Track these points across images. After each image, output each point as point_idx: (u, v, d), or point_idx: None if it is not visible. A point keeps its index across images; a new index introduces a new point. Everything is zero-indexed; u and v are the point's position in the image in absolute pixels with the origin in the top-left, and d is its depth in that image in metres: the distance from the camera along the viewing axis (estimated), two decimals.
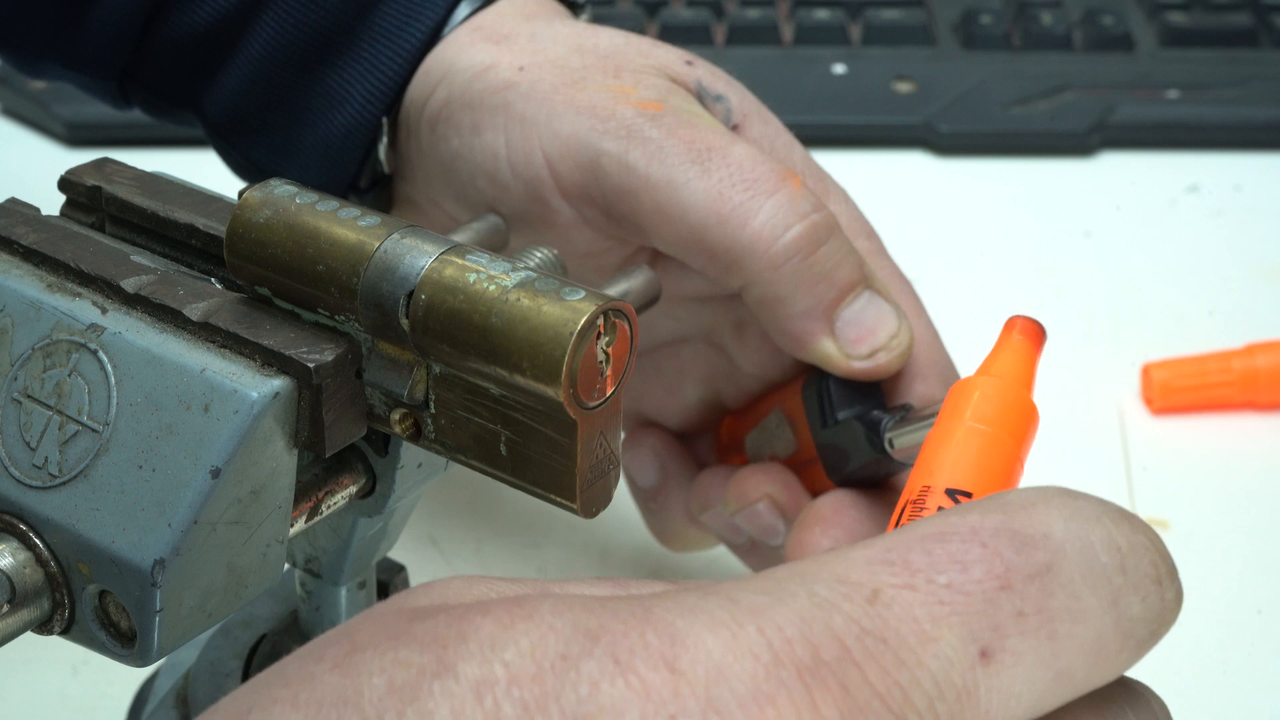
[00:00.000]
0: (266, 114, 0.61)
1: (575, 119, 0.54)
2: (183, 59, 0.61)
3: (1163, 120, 0.95)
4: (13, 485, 0.40)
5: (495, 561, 0.68)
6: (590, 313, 0.37)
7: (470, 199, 0.57)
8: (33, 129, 0.95)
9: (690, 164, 0.53)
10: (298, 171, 0.60)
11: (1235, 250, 0.87)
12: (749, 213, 0.53)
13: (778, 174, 0.53)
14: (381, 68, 0.58)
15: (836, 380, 0.54)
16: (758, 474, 0.57)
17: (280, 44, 0.59)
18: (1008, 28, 1.00)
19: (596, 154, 0.54)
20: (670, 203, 0.53)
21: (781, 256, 0.52)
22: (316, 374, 0.39)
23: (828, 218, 0.53)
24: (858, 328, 0.54)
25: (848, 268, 0.53)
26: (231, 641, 0.50)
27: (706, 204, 0.53)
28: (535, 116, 0.55)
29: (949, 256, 0.60)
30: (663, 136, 0.54)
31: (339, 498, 0.43)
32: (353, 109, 0.59)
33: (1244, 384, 0.76)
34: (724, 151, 0.53)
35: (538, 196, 0.55)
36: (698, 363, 0.60)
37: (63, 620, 0.39)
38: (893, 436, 0.52)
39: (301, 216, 0.40)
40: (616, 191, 0.54)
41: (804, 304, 0.53)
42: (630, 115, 0.54)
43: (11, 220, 0.43)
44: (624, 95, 0.55)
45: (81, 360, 0.40)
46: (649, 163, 0.53)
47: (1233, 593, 0.66)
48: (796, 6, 1.01)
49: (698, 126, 0.54)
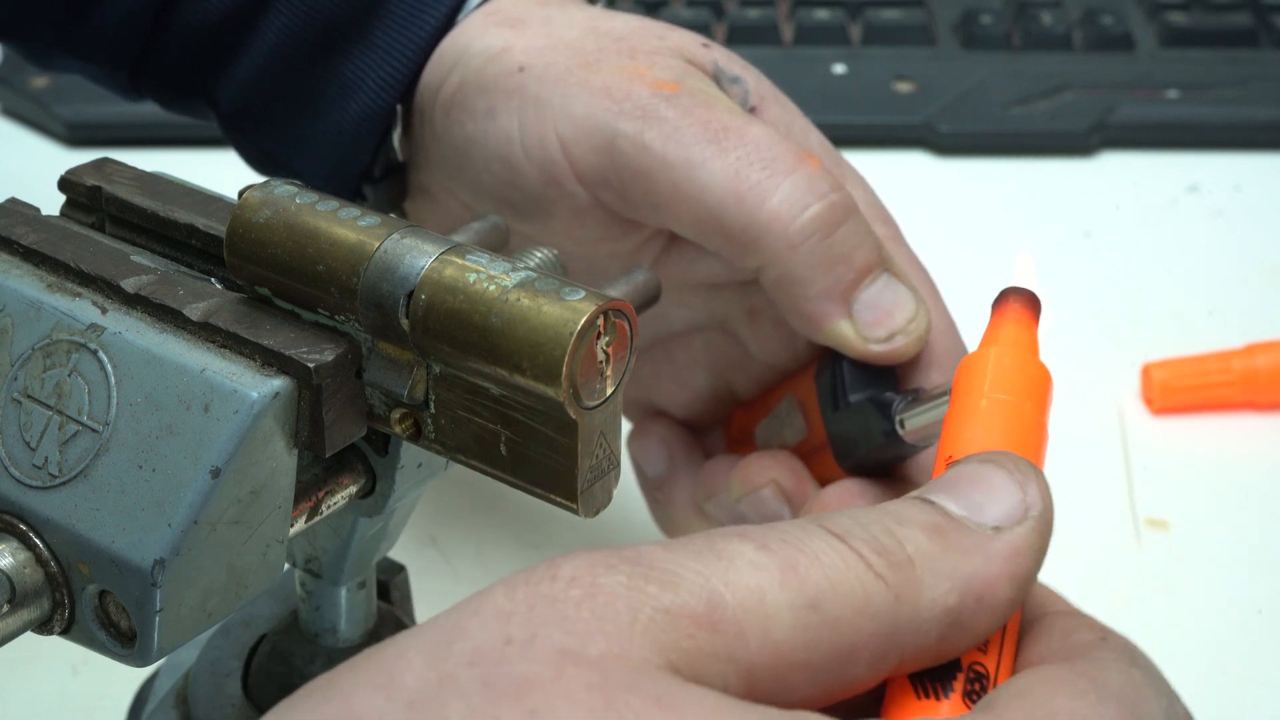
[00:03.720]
0: (279, 103, 0.60)
1: (590, 100, 0.54)
2: (194, 49, 0.61)
3: (1163, 120, 0.95)
4: (13, 485, 0.40)
5: (495, 561, 0.68)
6: (590, 313, 0.37)
7: (484, 184, 0.57)
8: (33, 129, 0.95)
9: (707, 143, 0.53)
10: (311, 161, 0.60)
11: (1235, 250, 0.87)
12: (767, 192, 0.52)
13: (795, 154, 0.53)
14: (395, 55, 0.58)
15: (850, 363, 0.54)
16: (764, 460, 0.56)
17: (293, 32, 0.59)
18: (1008, 28, 1.00)
19: (612, 135, 0.53)
20: (687, 182, 0.52)
21: (799, 236, 0.52)
22: (316, 374, 0.39)
23: (846, 198, 0.53)
24: (875, 310, 0.53)
25: (866, 249, 0.53)
26: (231, 641, 0.50)
27: (724, 183, 0.52)
28: (549, 99, 0.54)
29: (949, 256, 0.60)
30: (679, 116, 0.53)
31: (339, 498, 0.43)
32: (366, 97, 0.58)
33: (1244, 384, 0.76)
34: (741, 131, 0.53)
35: (552, 180, 0.55)
36: (710, 352, 0.60)
37: (63, 620, 0.39)
38: (904, 417, 0.52)
39: (301, 216, 0.40)
40: (632, 172, 0.53)
41: (821, 285, 0.52)
42: (646, 96, 0.53)
43: (11, 220, 0.43)
44: (639, 76, 0.54)
45: (81, 360, 0.40)
46: (665, 143, 0.53)
47: (1233, 593, 0.66)
48: (796, 6, 1.01)
49: (714, 107, 0.54)
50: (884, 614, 0.34)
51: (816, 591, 0.33)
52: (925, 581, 0.34)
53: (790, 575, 0.33)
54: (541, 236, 0.57)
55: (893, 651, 0.34)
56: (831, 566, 0.34)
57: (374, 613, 0.48)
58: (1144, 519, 0.70)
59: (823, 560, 0.34)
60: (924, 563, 0.34)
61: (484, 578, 0.67)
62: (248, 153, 0.63)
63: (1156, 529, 0.70)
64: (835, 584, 0.33)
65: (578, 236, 0.56)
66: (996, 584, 0.35)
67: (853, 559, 0.34)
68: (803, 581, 0.33)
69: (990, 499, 0.36)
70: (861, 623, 0.33)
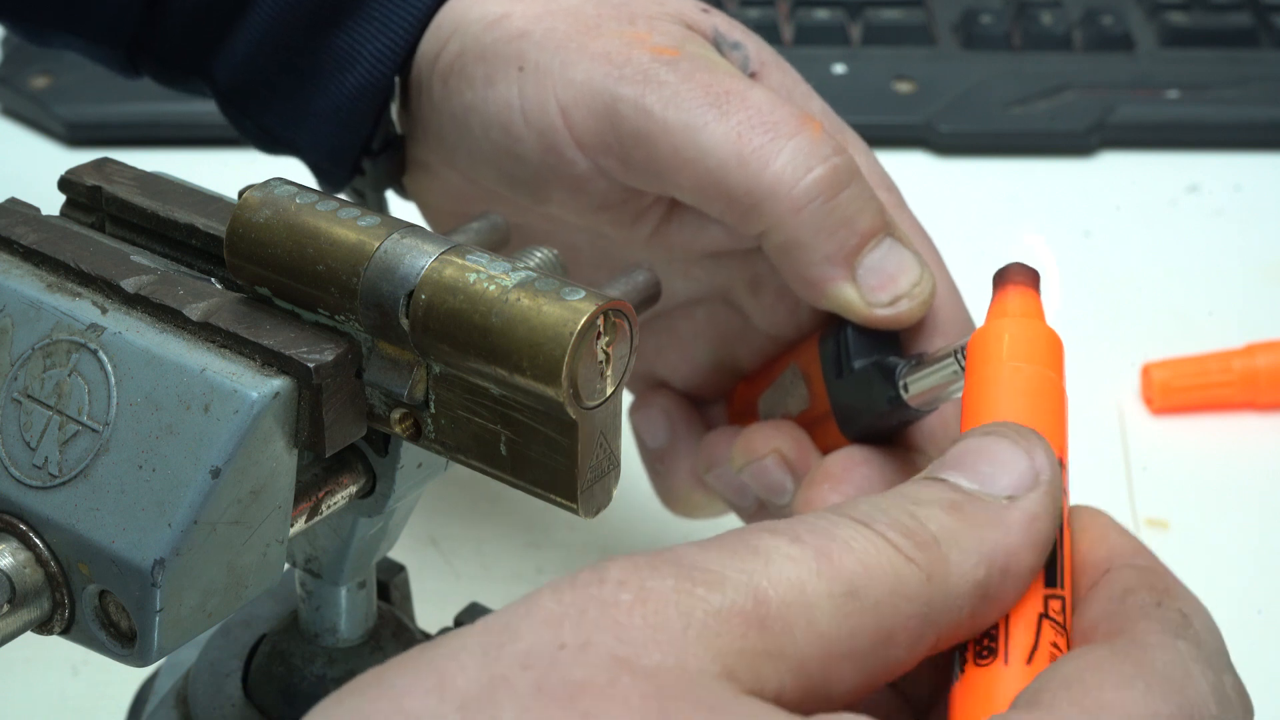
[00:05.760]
0: (277, 78, 0.60)
1: (590, 66, 0.54)
2: (191, 26, 0.60)
3: (1163, 120, 0.95)
4: (13, 485, 0.40)
5: (495, 561, 0.68)
6: (590, 313, 0.37)
7: (483, 154, 0.56)
8: (33, 129, 0.95)
9: (709, 107, 0.52)
10: (311, 135, 0.60)
11: (1235, 250, 0.87)
12: (770, 154, 0.52)
13: (798, 117, 0.53)
14: (392, 25, 0.58)
15: (855, 329, 0.54)
16: (766, 429, 0.56)
17: (289, 6, 0.59)
18: (1008, 28, 1.00)
19: (613, 100, 0.53)
20: (689, 146, 0.52)
21: (803, 199, 0.52)
22: (316, 374, 0.39)
23: (849, 161, 0.52)
24: (880, 274, 0.53)
25: (870, 214, 0.53)
26: (231, 641, 0.50)
27: (726, 147, 0.52)
28: (549, 65, 0.54)
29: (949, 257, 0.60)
30: (680, 81, 0.53)
31: (339, 498, 0.43)
32: (364, 69, 0.58)
33: (1244, 384, 0.76)
34: (743, 96, 0.53)
35: (552, 147, 0.54)
36: (712, 323, 0.59)
37: (63, 620, 0.39)
38: (908, 381, 0.51)
39: (301, 216, 0.40)
40: (633, 137, 0.53)
41: (825, 249, 0.52)
42: (646, 60, 0.53)
43: (11, 220, 0.43)
44: (640, 41, 0.54)
45: (81, 360, 0.40)
46: (666, 107, 0.52)
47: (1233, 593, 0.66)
48: (796, 6, 1.01)
49: (715, 71, 0.53)
50: (919, 595, 0.34)
51: (852, 578, 0.34)
52: (952, 559, 0.35)
53: (825, 564, 0.34)
54: (540, 206, 0.57)
55: (929, 631, 0.35)
56: (863, 552, 0.34)
57: (374, 613, 0.48)
58: (1144, 519, 0.70)
59: (854, 547, 0.34)
60: (948, 540, 0.35)
61: (484, 578, 0.67)
62: (246, 130, 0.62)
63: (1156, 529, 0.70)
64: (869, 569, 0.34)
65: (576, 205, 0.56)
66: (1019, 553, 0.36)
67: (882, 544, 0.34)
68: (838, 569, 0.34)
69: (1000, 469, 0.37)
70: (899, 604, 0.34)
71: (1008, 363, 0.40)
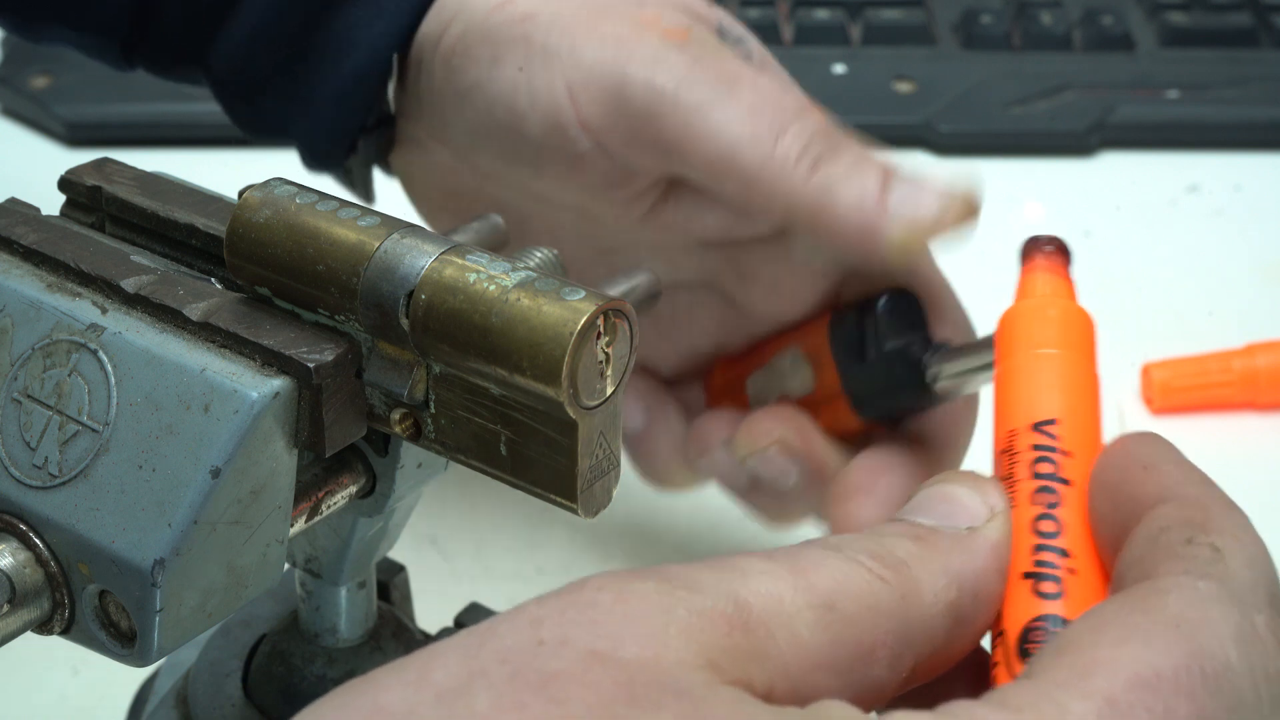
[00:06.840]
0: (274, 66, 0.60)
1: (599, 47, 0.54)
2: (186, 15, 0.60)
3: (1163, 120, 0.95)
4: (13, 485, 0.40)
5: (495, 561, 0.68)
6: (590, 313, 0.37)
7: (483, 130, 0.57)
8: (33, 129, 0.95)
9: (719, 85, 0.53)
10: (309, 120, 0.60)
11: (1235, 250, 0.87)
12: (781, 130, 0.53)
13: (804, 103, 0.54)
14: (392, 9, 0.58)
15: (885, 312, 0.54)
16: (769, 418, 0.56)
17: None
18: (1008, 28, 1.00)
19: (623, 79, 0.54)
20: (700, 123, 0.53)
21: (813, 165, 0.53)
22: (316, 374, 0.39)
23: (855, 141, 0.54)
24: (914, 202, 0.53)
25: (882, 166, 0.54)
26: (231, 641, 0.50)
27: (738, 124, 0.53)
28: (557, 47, 0.55)
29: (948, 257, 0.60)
30: (690, 62, 0.54)
31: (339, 498, 0.43)
32: (361, 54, 0.58)
33: (1244, 384, 0.76)
34: (752, 79, 0.54)
35: (555, 127, 0.55)
36: (695, 310, 0.60)
37: (63, 620, 0.39)
38: (940, 369, 0.52)
39: (301, 216, 0.40)
40: (643, 116, 0.53)
41: (851, 196, 0.53)
42: (656, 42, 0.54)
43: (11, 220, 0.43)
44: (649, 24, 0.55)
45: (81, 360, 0.40)
46: (677, 86, 0.53)
47: None
48: (796, 6, 1.01)
49: (723, 56, 0.54)
50: (895, 612, 0.34)
51: (829, 592, 0.34)
52: (923, 580, 0.35)
53: (801, 579, 0.34)
54: (535, 183, 0.57)
55: (908, 650, 0.35)
56: (837, 569, 0.35)
57: (374, 613, 0.48)
58: None
59: (828, 564, 0.35)
60: (916, 563, 0.36)
61: (484, 578, 0.67)
62: (243, 119, 0.62)
63: None
64: (844, 585, 0.34)
65: (573, 184, 0.56)
66: (987, 576, 0.36)
67: (853, 564, 0.35)
68: (813, 584, 0.34)
69: (957, 509, 0.38)
70: (876, 620, 0.34)
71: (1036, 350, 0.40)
